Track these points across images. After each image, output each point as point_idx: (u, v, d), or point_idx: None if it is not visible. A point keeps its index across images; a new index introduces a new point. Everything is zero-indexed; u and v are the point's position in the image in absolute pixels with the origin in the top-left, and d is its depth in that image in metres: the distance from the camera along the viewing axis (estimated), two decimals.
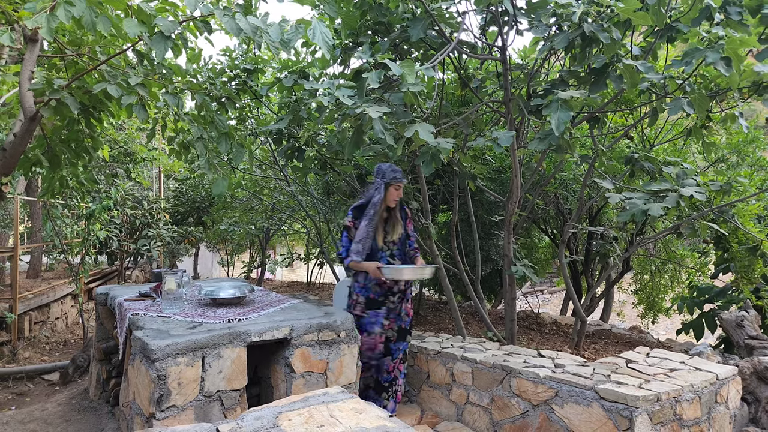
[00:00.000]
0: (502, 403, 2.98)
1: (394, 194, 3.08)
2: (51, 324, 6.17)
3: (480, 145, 2.80)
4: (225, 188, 3.30)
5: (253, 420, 1.52)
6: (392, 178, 3.03)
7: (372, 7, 3.15)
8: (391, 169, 3.06)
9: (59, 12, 2.12)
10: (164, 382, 2.25)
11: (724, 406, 2.93)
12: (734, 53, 2.50)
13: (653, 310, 6.26)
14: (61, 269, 7.57)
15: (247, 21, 2.12)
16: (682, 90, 2.72)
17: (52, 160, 3.29)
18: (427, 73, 2.52)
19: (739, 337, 3.76)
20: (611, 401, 2.48)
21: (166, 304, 2.89)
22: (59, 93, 2.71)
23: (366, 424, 1.49)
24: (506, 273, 3.59)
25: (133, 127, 7.74)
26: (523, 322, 4.84)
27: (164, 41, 2.13)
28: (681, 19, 2.80)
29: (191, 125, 3.05)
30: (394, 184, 3.05)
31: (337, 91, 2.41)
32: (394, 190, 3.07)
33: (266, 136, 4.13)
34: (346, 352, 2.92)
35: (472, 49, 3.39)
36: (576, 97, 2.49)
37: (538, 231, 5.98)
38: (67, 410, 3.57)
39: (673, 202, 2.74)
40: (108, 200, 5.47)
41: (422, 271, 3.01)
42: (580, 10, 2.44)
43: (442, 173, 4.37)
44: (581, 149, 4.50)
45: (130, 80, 2.61)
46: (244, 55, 4.06)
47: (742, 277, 4.06)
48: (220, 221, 7.18)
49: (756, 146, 4.78)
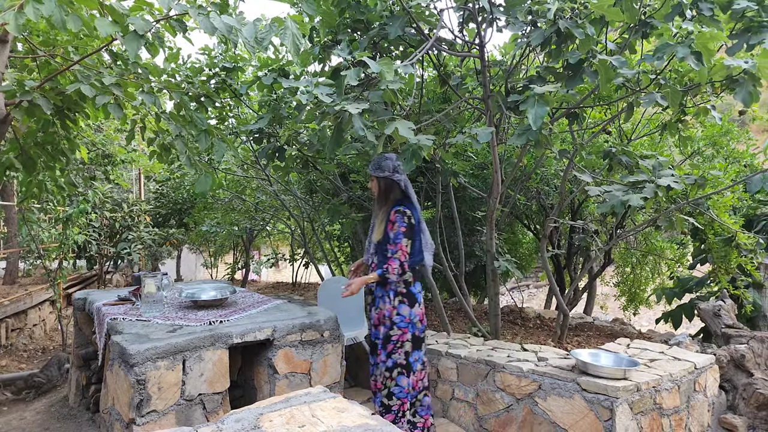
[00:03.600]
0: (486, 397, 3.00)
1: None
2: (29, 331, 6.04)
3: (460, 141, 2.81)
4: (209, 186, 3.26)
5: (233, 422, 1.50)
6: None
7: (350, 5, 3.14)
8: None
9: (28, 10, 2.07)
10: (144, 387, 2.22)
11: (703, 395, 3.00)
12: (704, 48, 2.54)
13: (635, 302, 6.36)
14: (38, 275, 7.41)
15: (222, 20, 2.10)
16: (656, 84, 2.77)
17: (27, 163, 3.22)
18: (405, 71, 2.52)
19: (716, 326, 3.85)
20: (592, 392, 2.51)
21: (146, 308, 2.85)
22: (31, 94, 2.65)
23: (348, 422, 1.49)
24: (489, 268, 3.61)
25: (112, 128, 7.60)
26: (508, 316, 4.88)
27: (137, 40, 2.10)
28: (654, 15, 2.85)
29: (169, 124, 3.01)
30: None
31: (316, 89, 2.40)
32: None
33: (247, 135, 4.09)
34: (330, 352, 2.91)
35: (450, 47, 3.40)
36: (552, 92, 2.51)
37: (522, 227, 6.03)
38: (46, 418, 3.50)
39: (651, 192, 2.79)
40: (86, 203, 5.36)
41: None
42: (555, 7, 2.46)
43: (424, 170, 4.38)
44: (561, 144, 4.55)
45: (104, 80, 2.56)
46: (223, 54, 4.02)
47: (719, 267, 4.15)
48: (201, 222, 7.10)
49: (730, 138, 4.89)
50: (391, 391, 2.78)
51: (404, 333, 2.79)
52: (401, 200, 2.87)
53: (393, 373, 2.78)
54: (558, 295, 3.79)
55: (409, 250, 2.80)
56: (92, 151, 7.23)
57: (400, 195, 2.88)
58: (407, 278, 2.84)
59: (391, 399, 2.78)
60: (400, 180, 2.85)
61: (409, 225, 2.80)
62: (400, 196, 2.88)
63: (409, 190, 2.90)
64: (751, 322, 4.25)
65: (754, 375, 3.33)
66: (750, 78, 2.66)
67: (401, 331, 2.79)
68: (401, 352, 2.79)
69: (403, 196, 2.89)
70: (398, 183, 2.85)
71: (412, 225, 2.82)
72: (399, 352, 2.79)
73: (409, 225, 2.80)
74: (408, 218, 2.80)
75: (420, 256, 2.87)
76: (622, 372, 2.54)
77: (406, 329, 2.80)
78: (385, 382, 2.81)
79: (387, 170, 2.84)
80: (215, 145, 3.21)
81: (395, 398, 2.78)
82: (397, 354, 2.79)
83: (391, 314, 2.81)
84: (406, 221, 2.78)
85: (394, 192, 2.87)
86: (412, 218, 2.83)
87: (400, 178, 2.86)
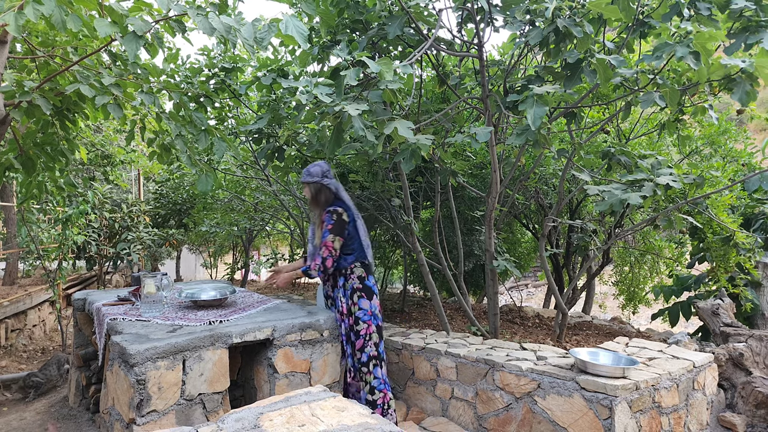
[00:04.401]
0: (486, 396, 3.01)
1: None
2: (28, 332, 6.04)
3: (459, 141, 2.82)
4: (210, 185, 3.28)
5: (233, 422, 1.51)
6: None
7: (349, 5, 3.15)
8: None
9: (27, 10, 2.07)
10: (144, 387, 2.23)
11: (702, 393, 3.01)
12: (702, 47, 2.55)
13: (633, 301, 6.37)
14: (38, 275, 7.40)
15: (220, 20, 2.10)
16: (655, 84, 2.77)
17: (26, 164, 3.22)
18: (404, 71, 2.53)
19: (714, 324, 3.86)
20: (591, 391, 2.52)
21: (146, 308, 2.86)
22: (30, 95, 2.65)
23: (347, 421, 1.49)
24: (488, 267, 3.62)
25: (111, 129, 7.60)
26: (507, 315, 4.89)
27: (136, 40, 2.10)
28: (652, 15, 2.86)
29: (168, 123, 3.02)
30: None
31: (315, 89, 2.40)
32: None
33: (246, 135, 4.09)
34: (330, 351, 2.91)
35: (449, 47, 3.40)
36: (551, 92, 2.52)
37: (521, 226, 6.04)
38: (46, 419, 3.50)
39: (650, 191, 2.80)
40: (85, 204, 5.36)
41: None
42: (553, 6, 2.47)
43: (423, 170, 4.38)
44: (560, 144, 4.56)
45: (104, 80, 2.57)
46: (222, 54, 4.02)
47: (719, 266, 4.16)
48: (201, 223, 7.10)
49: (728, 137, 4.90)
50: (372, 385, 2.94)
51: (369, 326, 2.97)
52: (333, 202, 3.06)
53: (369, 366, 2.95)
54: (556, 294, 3.80)
55: (337, 246, 2.94)
56: (91, 151, 7.23)
57: (332, 197, 3.07)
58: (360, 273, 3.02)
59: (374, 393, 2.93)
60: (329, 184, 3.04)
61: (339, 222, 2.95)
62: (331, 198, 3.07)
63: (340, 193, 3.09)
64: (750, 321, 4.27)
65: (753, 373, 3.34)
66: (747, 77, 2.67)
67: (366, 324, 2.97)
68: (371, 344, 2.97)
69: (335, 198, 3.08)
70: (328, 187, 3.04)
71: (344, 221, 2.97)
72: (369, 344, 2.97)
73: (339, 222, 2.95)
74: (338, 215, 2.97)
75: (362, 252, 3.05)
76: (621, 371, 2.55)
77: (370, 321, 2.98)
78: (364, 377, 2.96)
79: (316, 176, 3.03)
80: (215, 144, 3.22)
81: (377, 392, 2.93)
82: (368, 347, 2.96)
83: (352, 310, 2.98)
84: (335, 218, 2.95)
85: (325, 195, 3.05)
86: (344, 215, 2.99)
87: (330, 182, 3.05)
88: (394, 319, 4.58)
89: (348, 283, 3.01)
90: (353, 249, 3.02)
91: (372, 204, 4.27)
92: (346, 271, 3.03)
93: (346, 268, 3.03)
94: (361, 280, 3.02)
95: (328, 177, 3.06)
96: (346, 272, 3.04)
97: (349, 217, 3.02)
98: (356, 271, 3.02)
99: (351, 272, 3.02)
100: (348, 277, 3.02)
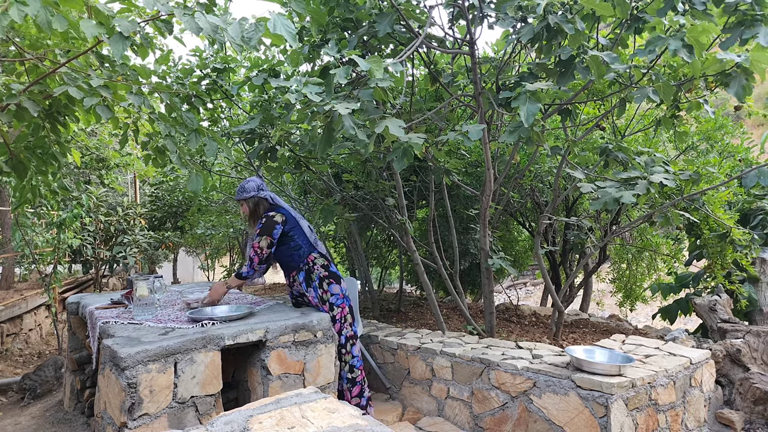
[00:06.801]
0: (481, 396, 2.99)
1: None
2: (24, 336, 6.01)
3: (452, 139, 2.80)
4: (201, 185, 3.27)
5: (223, 425, 1.48)
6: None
7: (339, 3, 3.13)
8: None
9: (12, 11, 2.05)
10: (135, 390, 2.20)
11: (699, 390, 2.99)
12: (695, 41, 2.53)
13: (631, 298, 6.35)
14: (34, 279, 7.38)
15: (207, 19, 2.08)
16: (649, 79, 2.75)
17: (17, 167, 3.19)
18: (395, 68, 2.51)
19: (712, 321, 3.84)
20: (587, 389, 2.50)
21: (138, 311, 2.83)
22: (17, 98, 2.62)
23: (338, 423, 1.47)
24: (483, 266, 3.60)
25: (106, 133, 7.57)
26: (503, 314, 4.87)
27: (122, 41, 2.08)
28: (647, 10, 2.84)
29: (159, 124, 2.99)
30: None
31: (305, 87, 2.38)
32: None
33: (239, 136, 4.07)
34: (324, 352, 2.89)
35: (441, 44, 3.38)
36: (544, 89, 2.50)
37: (517, 224, 6.02)
38: (41, 423, 3.47)
39: (643, 189, 2.78)
40: (80, 208, 5.33)
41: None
42: (545, 2, 2.44)
43: (417, 169, 4.36)
44: (555, 141, 4.54)
45: (92, 82, 2.54)
46: (214, 55, 4.00)
47: (716, 262, 4.14)
48: (196, 225, 7.07)
49: (725, 132, 4.88)
50: (350, 364, 3.07)
51: (343, 308, 3.10)
52: (269, 210, 3.17)
53: (347, 346, 3.08)
54: (552, 291, 3.78)
55: (263, 245, 3.02)
56: (86, 155, 7.20)
57: (269, 207, 3.18)
58: (322, 263, 3.14)
59: (353, 371, 3.07)
60: (265, 195, 3.16)
61: (267, 223, 3.04)
62: (268, 207, 3.17)
63: (276, 200, 3.20)
64: (747, 317, 4.25)
65: (751, 369, 3.32)
66: (743, 72, 2.65)
67: (340, 308, 3.09)
68: (347, 325, 3.10)
69: (271, 206, 3.18)
70: (265, 198, 3.16)
71: (273, 222, 3.05)
72: (345, 326, 3.09)
73: (267, 223, 3.04)
74: (268, 218, 3.06)
75: (311, 246, 3.17)
76: (616, 368, 2.53)
77: (343, 304, 3.10)
78: (343, 357, 3.07)
79: (252, 191, 3.14)
80: (207, 144, 3.19)
81: (356, 369, 3.08)
82: (344, 329, 3.09)
83: (324, 298, 3.08)
84: (263, 221, 3.06)
85: (262, 206, 3.17)
86: (276, 216, 3.08)
87: (266, 194, 3.17)
88: (390, 319, 4.56)
89: (314, 275, 3.11)
90: (300, 244, 3.13)
91: (366, 204, 4.25)
92: (305, 265, 3.13)
93: (303, 262, 3.13)
94: (325, 267, 3.13)
95: (264, 189, 3.18)
96: (306, 266, 3.13)
97: (286, 217, 3.11)
98: (318, 261, 3.13)
99: (313, 263, 3.13)
100: (312, 270, 3.12)
